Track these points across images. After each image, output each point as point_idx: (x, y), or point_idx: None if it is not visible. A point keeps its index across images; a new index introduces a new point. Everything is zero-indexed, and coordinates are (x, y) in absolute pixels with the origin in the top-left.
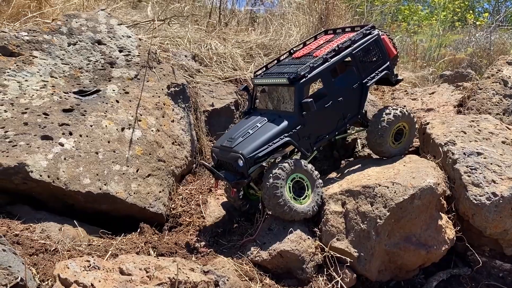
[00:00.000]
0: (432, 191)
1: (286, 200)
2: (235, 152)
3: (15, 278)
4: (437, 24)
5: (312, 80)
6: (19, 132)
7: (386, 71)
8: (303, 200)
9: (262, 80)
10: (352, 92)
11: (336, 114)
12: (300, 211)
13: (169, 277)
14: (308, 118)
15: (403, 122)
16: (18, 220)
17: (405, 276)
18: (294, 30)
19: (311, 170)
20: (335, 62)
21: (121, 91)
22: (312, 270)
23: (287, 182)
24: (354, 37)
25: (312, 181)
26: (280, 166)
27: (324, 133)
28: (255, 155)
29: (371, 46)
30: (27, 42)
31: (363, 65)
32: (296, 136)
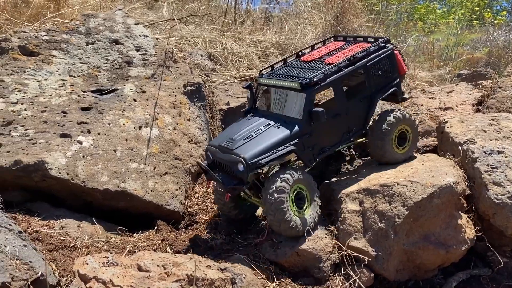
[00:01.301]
0: (451, 190)
1: (292, 215)
2: (235, 155)
3: (35, 273)
4: (455, 22)
5: (324, 88)
6: (39, 130)
7: (395, 87)
8: (304, 211)
9: (269, 81)
10: (359, 105)
11: (342, 126)
12: (304, 224)
13: (186, 273)
14: (316, 128)
15: (405, 125)
16: (37, 217)
17: (424, 276)
18: (309, 29)
19: (311, 181)
20: (349, 72)
21: (138, 90)
22: (329, 269)
23: (290, 195)
24: (369, 48)
25: (312, 191)
26: (284, 178)
27: (328, 145)
28: (258, 161)
29: (384, 60)
30: (46, 41)
31: (374, 78)
32: (301, 145)
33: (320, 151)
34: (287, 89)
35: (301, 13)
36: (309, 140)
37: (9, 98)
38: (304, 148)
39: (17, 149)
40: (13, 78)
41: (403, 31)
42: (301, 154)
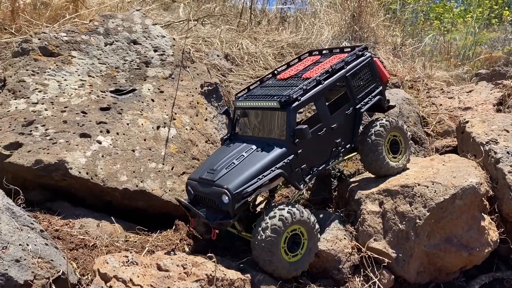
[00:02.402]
0: (474, 191)
1: (279, 257)
2: (218, 186)
3: (57, 271)
4: (472, 21)
5: (304, 104)
6: (59, 130)
7: (379, 96)
8: (293, 257)
9: (246, 103)
10: (345, 118)
11: (329, 143)
12: (288, 269)
13: (206, 273)
14: (301, 147)
15: (394, 132)
16: (58, 216)
17: (445, 278)
18: (325, 28)
19: (313, 223)
20: (329, 84)
21: (156, 90)
22: (349, 270)
23: (285, 234)
24: (347, 58)
25: (311, 235)
26: (281, 217)
27: (317, 165)
28: (243, 190)
29: (364, 68)
30: (66, 42)
31: (356, 89)
32: (289, 167)
33: (309, 172)
34: (266, 110)
35: (317, 13)
36: (297, 161)
37: (30, 98)
38: (292, 170)
39: (38, 148)
40: (33, 78)
41: (419, 30)
42: (290, 177)
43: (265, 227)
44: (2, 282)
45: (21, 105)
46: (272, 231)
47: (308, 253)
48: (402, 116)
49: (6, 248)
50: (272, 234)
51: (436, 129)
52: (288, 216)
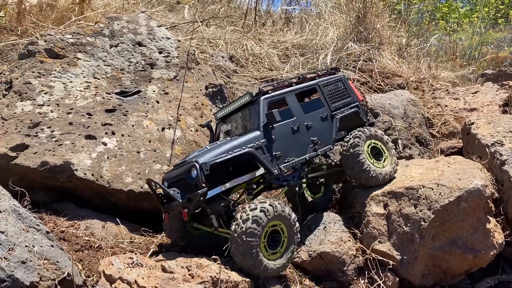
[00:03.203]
0: (479, 193)
1: (258, 252)
2: (188, 163)
3: (62, 273)
4: (479, 21)
5: (275, 98)
6: (65, 131)
7: (356, 109)
8: (272, 255)
9: (224, 110)
10: (320, 121)
11: (305, 139)
12: (266, 266)
13: (210, 275)
14: (274, 134)
15: (371, 140)
16: (63, 217)
17: (450, 281)
18: (330, 29)
19: (293, 221)
20: (299, 88)
21: (161, 92)
22: (353, 272)
23: (265, 228)
24: (319, 72)
25: (292, 233)
26: (263, 209)
27: (293, 156)
28: (212, 161)
29: (337, 83)
30: (71, 44)
31: (331, 98)
32: (260, 150)
33: (284, 161)
34: (241, 109)
35: (322, 14)
36: (270, 147)
37: (36, 100)
38: (264, 153)
39: (43, 150)
40: (39, 80)
41: (425, 30)
42: (262, 160)
43: (246, 218)
44: (9, 283)
45: (27, 107)
46: (254, 221)
47: (287, 252)
48: (407, 117)
49: (12, 250)
50: (253, 225)
51: (441, 131)
52: (269, 209)
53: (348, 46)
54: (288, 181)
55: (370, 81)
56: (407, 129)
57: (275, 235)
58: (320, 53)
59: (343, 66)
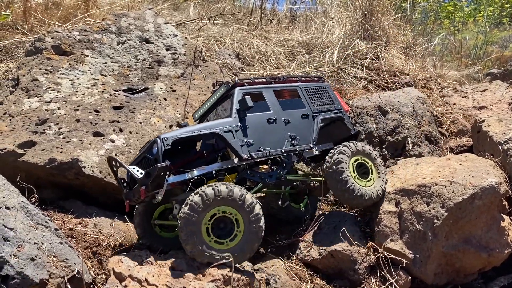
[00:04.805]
0: (494, 191)
1: (203, 241)
2: (151, 141)
3: (72, 270)
4: (483, 20)
5: (251, 90)
6: (72, 128)
7: (340, 115)
8: (216, 243)
9: (201, 109)
10: (300, 119)
11: (282, 133)
12: (209, 254)
13: (222, 273)
14: (248, 122)
15: (359, 156)
16: (71, 215)
17: (463, 280)
18: (337, 28)
19: (249, 207)
20: (278, 86)
21: (168, 89)
22: (365, 271)
23: (208, 213)
24: (302, 77)
25: (248, 225)
26: (202, 193)
27: (267, 147)
28: (173, 136)
29: (320, 89)
30: (78, 41)
31: (313, 101)
32: (230, 134)
33: (257, 150)
34: (219, 103)
35: (328, 12)
36: (241, 133)
37: (43, 97)
38: (234, 137)
39: (51, 147)
40: (47, 77)
41: (430, 30)
42: (232, 143)
43: (185, 203)
44: (18, 280)
45: (34, 104)
46: (189, 207)
47: (244, 243)
48: (416, 115)
49: (22, 247)
50: (188, 210)
51: (450, 129)
52: (210, 193)
53: (355, 44)
54: (264, 178)
55: (378, 79)
56: (416, 127)
57: (227, 224)
58: (327, 51)
59: (350, 64)
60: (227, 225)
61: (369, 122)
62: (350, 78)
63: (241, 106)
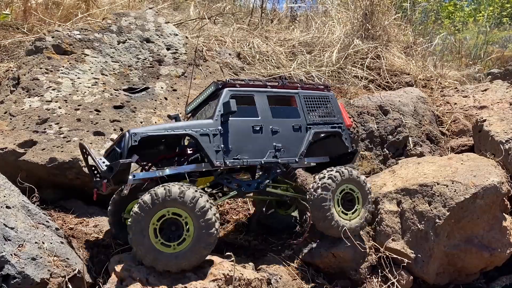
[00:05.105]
0: (496, 190)
1: (150, 242)
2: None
3: (72, 270)
4: (484, 20)
5: (241, 92)
6: (73, 128)
7: (337, 129)
8: (163, 246)
9: (193, 103)
10: (290, 130)
11: (266, 143)
12: (156, 258)
13: (223, 273)
14: (230, 127)
15: (347, 184)
16: (72, 214)
17: (465, 280)
18: (337, 27)
19: (200, 210)
20: (273, 92)
21: (169, 89)
22: (366, 271)
23: (156, 214)
24: (306, 84)
25: (199, 227)
26: (152, 193)
27: (246, 156)
28: (143, 132)
29: (323, 100)
30: (79, 40)
31: (310, 111)
32: (207, 137)
33: (233, 157)
34: (208, 101)
35: (328, 12)
36: (220, 138)
37: (43, 96)
38: (210, 142)
39: (52, 146)
40: (47, 76)
41: (430, 30)
42: (206, 147)
43: (138, 202)
44: (19, 280)
45: (35, 103)
46: (139, 207)
47: (191, 248)
48: (417, 114)
49: (23, 246)
50: (137, 210)
51: (451, 128)
52: (160, 193)
53: (355, 44)
54: (241, 186)
55: (378, 78)
56: (417, 126)
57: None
58: (327, 50)
59: (351, 64)
60: (179, 228)
61: (370, 121)
62: (350, 78)
63: (224, 110)
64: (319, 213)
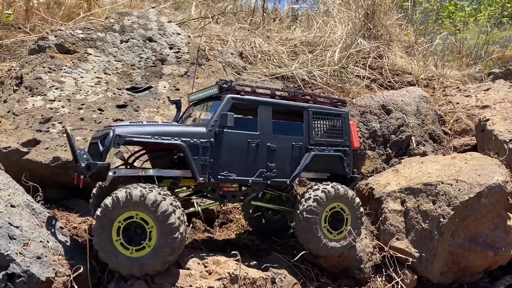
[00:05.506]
0: (500, 189)
1: (113, 246)
2: (109, 128)
3: (77, 269)
4: (484, 20)
5: (246, 102)
6: (76, 127)
7: (340, 153)
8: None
9: (195, 95)
10: (288, 148)
11: (259, 161)
12: (120, 262)
13: (228, 272)
14: (224, 139)
15: (338, 203)
16: (75, 213)
17: (469, 279)
18: (339, 27)
19: (163, 215)
20: (280, 104)
21: (172, 88)
22: (370, 270)
23: (117, 220)
24: (320, 97)
25: (163, 231)
26: (113, 197)
27: (233, 173)
28: (128, 136)
29: (334, 118)
30: (82, 39)
31: (315, 130)
32: (196, 149)
33: (220, 174)
34: (208, 100)
35: (330, 11)
36: (209, 151)
37: (47, 96)
38: (198, 154)
39: (55, 145)
40: (50, 75)
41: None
42: (192, 160)
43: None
44: (24, 278)
45: (38, 102)
46: (102, 209)
47: (155, 254)
48: (420, 114)
49: (28, 245)
50: (100, 213)
51: (454, 128)
52: (122, 196)
53: (357, 43)
54: (224, 197)
55: (380, 78)
56: (420, 126)
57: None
58: (329, 50)
59: (353, 63)
60: (144, 233)
61: (372, 121)
62: (353, 77)
63: (220, 121)
64: (305, 234)
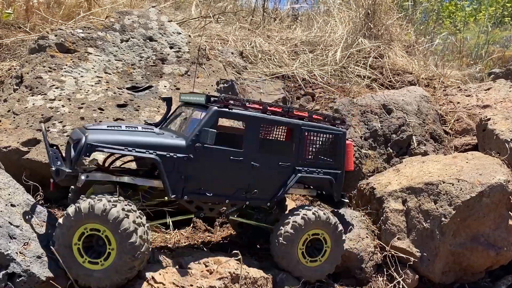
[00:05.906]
0: (502, 189)
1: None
2: (83, 132)
3: None
4: (485, 19)
5: (233, 116)
6: (76, 126)
7: (330, 177)
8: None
9: (186, 96)
10: (274, 168)
11: (240, 180)
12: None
13: (229, 271)
14: (203, 155)
15: (319, 229)
16: None
17: (470, 278)
18: (339, 27)
19: (120, 228)
20: (270, 120)
21: (172, 87)
22: (372, 269)
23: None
24: (317, 114)
25: (121, 243)
26: (76, 210)
27: (209, 191)
28: (99, 145)
29: (328, 135)
30: (82, 39)
31: (305, 150)
32: (171, 163)
33: (195, 191)
34: (194, 106)
35: (330, 11)
36: (185, 167)
37: (47, 95)
38: (173, 169)
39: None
40: (50, 75)
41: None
42: (167, 174)
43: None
44: (25, 278)
45: (38, 102)
46: (59, 225)
47: (118, 262)
48: (421, 113)
49: (28, 244)
50: (59, 229)
51: (454, 127)
52: (82, 207)
53: (358, 42)
54: (202, 209)
55: (381, 77)
56: (421, 125)
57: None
58: (330, 49)
59: (354, 63)
60: (104, 244)
61: (373, 120)
62: (353, 77)
63: (201, 137)
64: (280, 257)
